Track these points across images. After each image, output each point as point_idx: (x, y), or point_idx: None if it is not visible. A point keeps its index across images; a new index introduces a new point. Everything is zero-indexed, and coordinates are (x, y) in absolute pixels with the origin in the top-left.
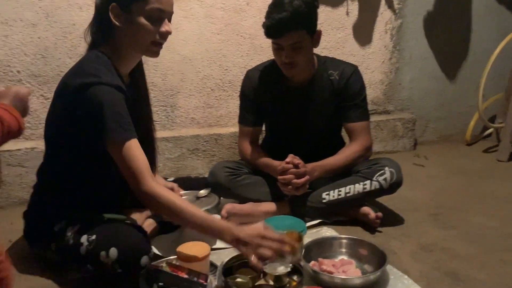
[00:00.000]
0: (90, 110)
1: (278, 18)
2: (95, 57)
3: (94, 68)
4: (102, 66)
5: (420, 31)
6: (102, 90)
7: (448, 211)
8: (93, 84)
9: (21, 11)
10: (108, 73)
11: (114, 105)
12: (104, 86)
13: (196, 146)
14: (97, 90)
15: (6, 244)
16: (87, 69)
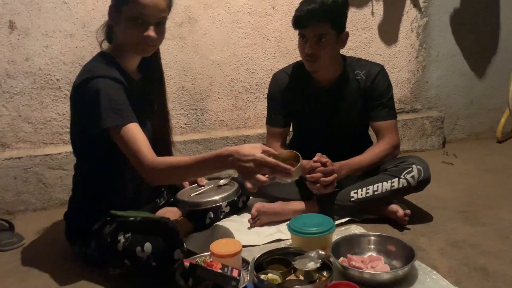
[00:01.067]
0: (87, 103)
1: (306, 9)
2: (96, 57)
3: (92, 65)
4: (100, 63)
5: (447, 28)
6: (96, 82)
7: (478, 208)
8: (88, 80)
9: (59, 22)
10: (105, 67)
11: (108, 94)
12: (98, 79)
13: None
14: (92, 83)
15: (50, 243)
16: (85, 68)
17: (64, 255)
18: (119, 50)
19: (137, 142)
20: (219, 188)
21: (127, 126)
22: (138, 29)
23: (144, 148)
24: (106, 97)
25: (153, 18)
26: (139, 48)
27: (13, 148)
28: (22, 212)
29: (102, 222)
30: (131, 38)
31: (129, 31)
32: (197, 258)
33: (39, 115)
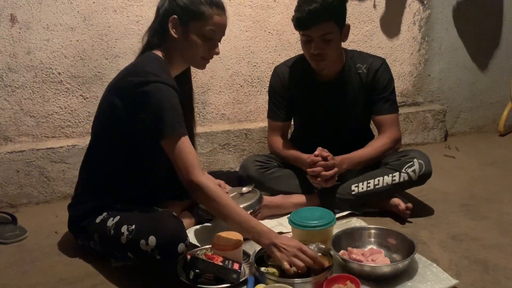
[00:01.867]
0: (149, 104)
1: (308, 9)
2: (153, 59)
3: (154, 68)
4: (159, 68)
5: (449, 21)
6: (161, 88)
7: (480, 201)
8: (153, 82)
9: (60, 16)
10: (165, 74)
11: (172, 103)
12: (163, 85)
13: (227, 141)
14: (157, 88)
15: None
16: (147, 69)
17: (66, 248)
18: (171, 57)
19: (190, 153)
20: (241, 196)
21: (184, 137)
22: (208, 46)
23: (196, 163)
24: (170, 106)
25: (220, 35)
26: (201, 63)
27: (16, 141)
28: (25, 205)
29: (106, 214)
30: (198, 52)
31: (198, 46)
32: (199, 251)
33: (41, 108)
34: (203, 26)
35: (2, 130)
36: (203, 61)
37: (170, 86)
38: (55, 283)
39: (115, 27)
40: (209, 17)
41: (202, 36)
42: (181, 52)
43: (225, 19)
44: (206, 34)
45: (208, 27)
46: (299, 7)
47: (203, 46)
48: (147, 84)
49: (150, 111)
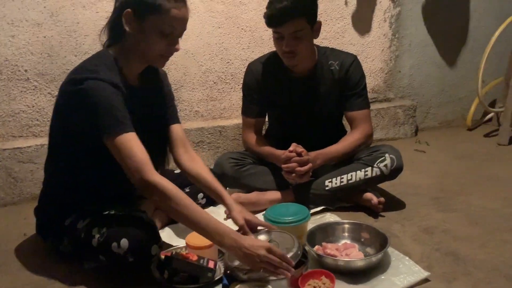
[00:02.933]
0: (85, 104)
1: (279, 7)
2: (98, 56)
3: (94, 64)
4: (102, 64)
5: (419, 18)
6: (97, 84)
7: (450, 194)
8: (88, 79)
9: (26, 11)
10: (107, 71)
11: (108, 100)
12: (99, 82)
13: (201, 138)
14: (92, 84)
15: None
16: (86, 66)
17: (36, 251)
18: (126, 54)
19: (136, 152)
20: None
21: (126, 134)
22: (166, 41)
23: (145, 161)
24: (106, 103)
25: (180, 31)
26: (160, 60)
27: None
28: None
29: (75, 216)
30: (156, 49)
31: (156, 43)
32: (173, 250)
33: (6, 107)
34: (160, 21)
35: None
36: (162, 59)
37: (107, 82)
38: (23, 286)
39: (84, 23)
40: (167, 10)
41: (159, 32)
42: (137, 49)
43: (185, 12)
44: (164, 30)
45: (166, 22)
46: (270, 4)
47: (160, 42)
48: (82, 82)
49: (87, 111)
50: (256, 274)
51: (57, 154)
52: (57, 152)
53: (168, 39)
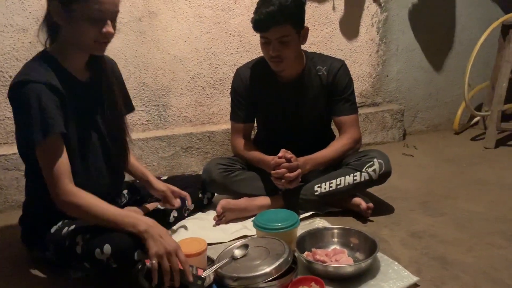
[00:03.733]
0: (18, 108)
1: (265, 12)
2: (36, 57)
3: (28, 67)
4: (38, 66)
5: (406, 23)
6: (26, 88)
7: (437, 198)
8: (22, 83)
9: (11, 16)
10: (44, 71)
11: (32, 105)
12: (31, 84)
13: (189, 144)
14: (25, 89)
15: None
16: (22, 69)
17: (22, 260)
18: (64, 49)
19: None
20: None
21: (47, 142)
22: (96, 26)
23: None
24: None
25: (110, 13)
26: (96, 47)
27: None
28: None
29: (60, 224)
30: (88, 36)
31: (87, 30)
32: None
33: None
34: (87, 7)
35: None
36: (98, 45)
37: (39, 83)
38: None
39: None
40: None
41: (88, 19)
42: (72, 40)
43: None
44: (93, 16)
45: (92, 7)
46: (257, 9)
47: (92, 29)
48: (16, 85)
49: (17, 112)
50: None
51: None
52: (27, 160)
53: (99, 24)
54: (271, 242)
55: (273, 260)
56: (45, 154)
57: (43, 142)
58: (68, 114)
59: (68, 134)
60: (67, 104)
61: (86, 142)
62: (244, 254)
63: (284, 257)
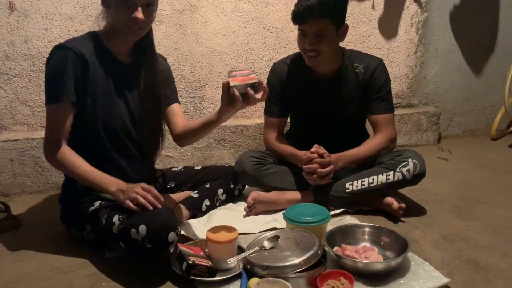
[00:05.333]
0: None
1: (305, 4)
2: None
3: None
4: (79, 37)
5: (446, 24)
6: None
7: (471, 203)
8: (54, 47)
9: (59, 5)
10: (79, 40)
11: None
12: (58, 50)
13: (222, 136)
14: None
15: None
16: None
17: (60, 238)
18: (109, 32)
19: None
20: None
21: (54, 105)
22: (126, 10)
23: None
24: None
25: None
26: (127, 31)
27: (10, 130)
28: (18, 195)
29: (96, 205)
30: (120, 19)
31: (118, 13)
32: (193, 243)
33: (37, 98)
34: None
35: None
36: (130, 30)
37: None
38: (48, 271)
39: None
40: None
41: (120, 4)
42: (112, 23)
43: None
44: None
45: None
46: (298, 1)
47: (123, 14)
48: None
49: None
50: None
51: (72, 144)
52: (72, 141)
53: (127, 7)
54: (301, 234)
55: (303, 252)
56: (50, 115)
57: (51, 106)
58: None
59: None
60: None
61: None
62: (274, 245)
63: (314, 250)
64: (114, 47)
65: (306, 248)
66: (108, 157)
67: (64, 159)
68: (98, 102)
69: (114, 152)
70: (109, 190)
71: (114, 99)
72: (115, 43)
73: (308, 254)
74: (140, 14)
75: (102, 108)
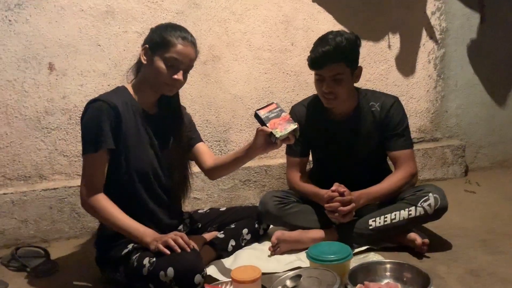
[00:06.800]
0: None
1: (322, 51)
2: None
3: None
4: (111, 91)
5: (464, 58)
6: (89, 106)
7: (498, 236)
8: (88, 102)
9: (94, 63)
10: (110, 94)
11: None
12: (93, 103)
13: (247, 177)
14: (86, 107)
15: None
16: None
17: (95, 281)
18: (141, 84)
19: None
20: None
21: (90, 155)
22: (170, 71)
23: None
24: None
25: (184, 65)
26: (165, 88)
27: (50, 179)
28: (56, 240)
29: (129, 248)
30: (161, 77)
31: (162, 71)
32: (219, 284)
33: (73, 148)
34: (167, 52)
35: (38, 169)
36: (167, 87)
37: (102, 101)
38: None
39: None
40: (174, 45)
41: (164, 61)
42: (148, 77)
43: (189, 50)
44: (168, 60)
45: (170, 53)
46: (314, 48)
47: (165, 71)
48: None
49: None
50: None
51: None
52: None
53: (171, 69)
54: (323, 273)
55: None
56: (87, 164)
57: (88, 155)
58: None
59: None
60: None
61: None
62: (296, 283)
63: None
64: (141, 98)
65: (328, 286)
66: (139, 200)
67: (99, 206)
68: (131, 149)
69: (145, 195)
70: (143, 240)
71: (145, 147)
72: (143, 95)
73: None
74: (181, 77)
75: (134, 155)
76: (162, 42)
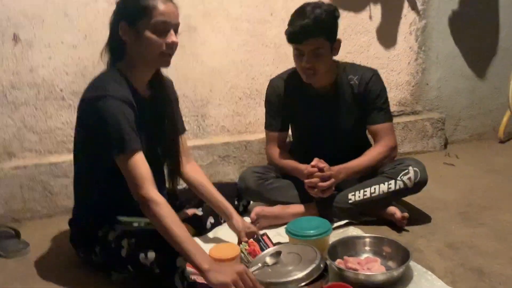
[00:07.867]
0: (96, 122)
1: (300, 24)
2: (106, 72)
3: (104, 82)
4: (111, 80)
5: (446, 30)
6: (107, 103)
7: (477, 209)
8: (99, 98)
9: (62, 34)
10: (116, 86)
11: (117, 120)
12: (110, 99)
13: (226, 153)
14: (103, 103)
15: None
16: (96, 83)
17: (69, 261)
18: (131, 66)
19: (139, 169)
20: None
21: (134, 153)
22: (161, 37)
23: (146, 178)
24: (116, 122)
25: (172, 24)
26: (161, 59)
27: (19, 157)
28: (28, 220)
29: (107, 228)
30: (155, 48)
31: (153, 42)
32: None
33: (43, 124)
34: (150, 18)
35: (6, 146)
36: (164, 57)
37: (118, 99)
38: None
39: None
40: (154, 7)
41: (153, 30)
42: (139, 55)
43: (171, 5)
44: (156, 26)
45: (155, 18)
46: (292, 21)
47: (157, 39)
48: (95, 100)
49: (99, 130)
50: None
51: (82, 169)
52: (82, 167)
53: (162, 34)
54: (303, 248)
55: (305, 266)
56: (125, 166)
57: (122, 156)
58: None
59: None
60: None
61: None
62: (276, 260)
63: (316, 264)
64: (135, 82)
65: (308, 262)
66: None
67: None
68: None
69: None
70: (201, 267)
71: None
72: (136, 78)
73: (310, 268)
74: (175, 38)
75: None
76: (140, 10)
